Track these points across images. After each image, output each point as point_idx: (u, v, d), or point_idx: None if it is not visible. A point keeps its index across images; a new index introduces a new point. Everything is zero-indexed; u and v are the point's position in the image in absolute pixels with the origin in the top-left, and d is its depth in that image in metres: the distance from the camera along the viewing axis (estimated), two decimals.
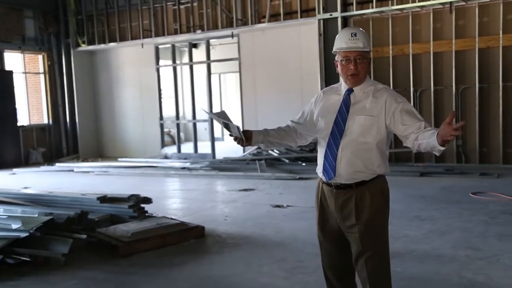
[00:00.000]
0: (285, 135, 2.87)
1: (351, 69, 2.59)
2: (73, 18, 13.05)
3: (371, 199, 2.62)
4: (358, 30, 2.65)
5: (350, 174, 2.61)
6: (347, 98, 2.66)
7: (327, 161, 2.64)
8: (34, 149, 12.96)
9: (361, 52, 2.59)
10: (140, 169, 10.77)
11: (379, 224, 2.66)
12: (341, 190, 2.66)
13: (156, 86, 12.75)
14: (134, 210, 5.56)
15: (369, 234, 2.62)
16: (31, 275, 4.28)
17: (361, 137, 2.60)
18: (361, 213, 2.62)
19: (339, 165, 2.62)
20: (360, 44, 2.57)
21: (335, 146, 2.62)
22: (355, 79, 2.62)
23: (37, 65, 13.48)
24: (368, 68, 2.63)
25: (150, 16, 12.11)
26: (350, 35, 2.59)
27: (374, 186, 2.64)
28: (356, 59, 2.58)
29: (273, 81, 11.05)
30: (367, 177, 2.62)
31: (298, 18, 10.30)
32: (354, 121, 2.61)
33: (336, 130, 2.64)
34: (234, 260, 4.57)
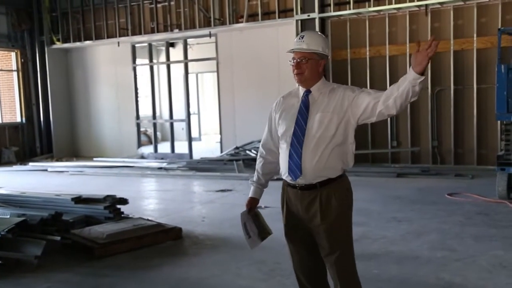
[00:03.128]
0: (271, 167, 2.92)
1: (294, 69, 2.69)
2: (47, 15, 12.78)
3: (336, 198, 2.65)
4: (309, 33, 2.75)
5: (316, 172, 2.63)
6: (305, 98, 2.72)
7: (293, 160, 2.67)
8: (7, 148, 12.65)
9: (305, 53, 2.65)
10: (116, 169, 10.62)
11: (345, 223, 2.71)
12: (306, 191, 2.68)
13: (132, 85, 12.59)
14: (110, 211, 5.47)
15: (336, 234, 2.66)
16: (3, 278, 4.16)
17: (322, 134, 2.63)
18: (326, 213, 2.64)
19: (304, 164, 2.64)
20: (303, 46, 2.66)
21: (299, 145, 2.65)
22: (299, 78, 2.69)
23: (10, 63, 13.16)
24: (315, 69, 2.67)
25: (127, 14, 11.96)
26: (298, 38, 2.70)
27: (339, 186, 2.68)
28: (299, 60, 2.66)
29: (251, 81, 11.01)
30: (332, 174, 2.65)
31: (276, 19, 10.31)
32: (314, 119, 2.66)
33: (298, 130, 2.68)
34: (212, 262, 4.52)
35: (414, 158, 9.63)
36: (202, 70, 15.62)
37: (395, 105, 2.47)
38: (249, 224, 2.93)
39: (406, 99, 2.43)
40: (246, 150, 10.35)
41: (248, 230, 2.93)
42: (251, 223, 2.92)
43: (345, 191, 2.71)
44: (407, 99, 2.43)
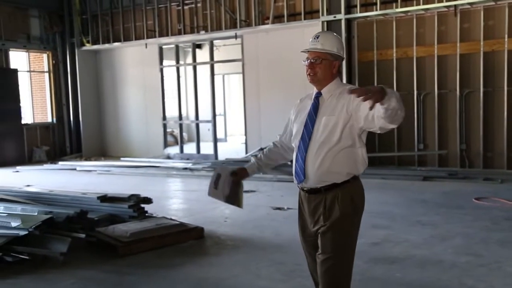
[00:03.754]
0: (276, 155, 2.97)
1: (308, 69, 2.67)
2: (78, 17, 13.08)
3: (339, 203, 2.60)
4: (324, 33, 2.73)
5: (318, 177, 2.60)
6: (315, 101, 2.70)
7: (298, 164, 2.66)
8: (38, 147, 13.00)
9: (319, 53, 2.63)
10: (142, 169, 10.78)
11: (345, 228, 2.61)
12: (312, 194, 2.66)
13: (159, 86, 12.75)
14: (134, 210, 5.55)
15: (330, 236, 2.59)
16: (29, 274, 4.27)
17: (326, 138, 2.59)
18: (328, 217, 2.61)
19: (307, 168, 2.62)
20: (318, 46, 2.63)
21: (304, 148, 2.64)
22: (312, 78, 2.67)
23: (42, 64, 13.53)
24: (329, 70, 2.64)
25: (154, 16, 12.12)
26: (313, 38, 2.68)
27: (344, 191, 2.61)
28: (313, 60, 2.63)
29: (276, 83, 11.01)
30: (338, 179, 2.60)
31: (301, 20, 10.28)
32: (320, 122, 2.63)
33: (305, 133, 2.66)
34: (233, 262, 4.55)
35: (441, 161, 9.45)
36: (228, 72, 15.72)
37: (385, 124, 2.38)
38: (224, 181, 2.88)
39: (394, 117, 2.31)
40: None
41: (218, 184, 2.88)
42: (226, 183, 2.87)
43: (349, 197, 2.61)
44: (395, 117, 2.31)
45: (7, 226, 4.65)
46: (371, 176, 8.77)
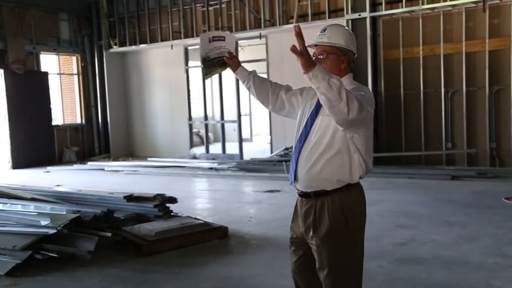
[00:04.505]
0: (264, 88, 2.74)
1: None
2: (105, 20, 13.32)
3: (329, 214, 2.42)
4: (331, 26, 2.53)
5: (307, 181, 2.45)
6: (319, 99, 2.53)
7: (291, 163, 2.53)
8: (68, 148, 13.30)
9: (325, 47, 2.45)
10: (168, 169, 10.90)
11: (337, 241, 2.42)
12: (304, 198, 2.51)
13: (185, 87, 12.88)
14: (159, 209, 5.63)
15: (325, 251, 2.43)
16: (58, 271, 4.38)
17: (318, 140, 2.42)
18: (318, 226, 2.44)
19: (298, 169, 2.47)
20: (324, 39, 2.46)
21: (298, 148, 2.49)
22: None
23: (71, 66, 13.83)
24: (336, 65, 2.45)
25: (180, 17, 12.24)
26: (320, 32, 2.50)
27: (334, 199, 2.42)
28: (320, 55, 2.46)
29: (301, 82, 10.91)
30: (328, 186, 2.41)
31: (326, 19, 10.20)
32: (316, 123, 2.46)
33: (303, 133, 2.50)
34: (256, 262, 4.56)
35: (470, 160, 9.25)
36: None
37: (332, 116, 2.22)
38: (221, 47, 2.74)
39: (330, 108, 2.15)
40: None
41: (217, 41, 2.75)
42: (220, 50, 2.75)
43: (340, 207, 2.41)
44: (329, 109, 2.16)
45: (37, 225, 4.78)
46: (397, 176, 8.68)
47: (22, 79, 12.02)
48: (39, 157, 12.30)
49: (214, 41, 2.79)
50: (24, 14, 12.19)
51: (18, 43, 12.02)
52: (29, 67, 12.40)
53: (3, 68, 11.82)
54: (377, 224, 5.57)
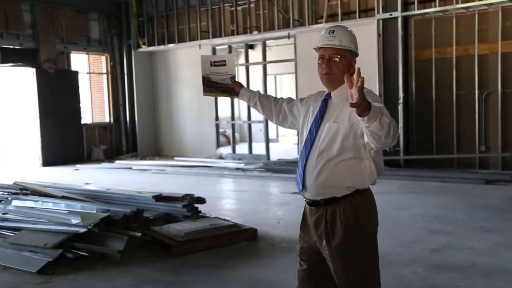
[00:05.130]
0: (269, 104, 2.79)
1: (324, 67, 2.41)
2: (134, 20, 13.43)
3: (342, 221, 2.35)
4: (339, 28, 2.46)
5: (316, 189, 2.39)
6: (323, 104, 2.47)
7: (298, 171, 2.47)
8: (96, 146, 13.46)
9: (337, 50, 2.38)
10: (195, 168, 10.90)
11: (353, 250, 2.36)
12: (313, 207, 2.45)
13: None
14: (188, 210, 5.60)
15: (341, 261, 2.36)
16: (88, 270, 4.39)
17: (327, 147, 2.36)
18: (331, 235, 2.37)
19: (306, 177, 2.42)
20: (336, 42, 2.38)
21: (305, 156, 2.42)
22: (328, 78, 2.41)
23: (100, 66, 14.00)
24: (346, 68, 2.39)
25: (208, 17, 12.24)
26: (328, 33, 2.42)
27: (346, 206, 2.36)
28: (332, 58, 2.38)
29: None
30: (338, 193, 2.36)
31: (356, 19, 10.06)
32: (323, 129, 2.40)
33: (308, 139, 2.45)
34: (286, 265, 4.47)
35: (505, 163, 8.96)
36: (280, 72, 15.65)
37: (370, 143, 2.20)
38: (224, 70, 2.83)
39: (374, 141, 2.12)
40: None
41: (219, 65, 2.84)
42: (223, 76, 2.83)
43: (352, 213, 2.35)
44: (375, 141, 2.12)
45: (68, 223, 4.80)
46: (429, 179, 8.48)
47: (53, 78, 12.21)
48: (69, 155, 12.48)
49: (215, 66, 2.86)
50: (56, 14, 12.39)
51: (50, 42, 12.21)
52: (60, 66, 12.60)
53: (35, 67, 12.03)
54: (410, 229, 5.43)
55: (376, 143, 2.16)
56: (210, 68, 2.88)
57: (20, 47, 11.88)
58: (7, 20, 11.47)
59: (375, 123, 2.03)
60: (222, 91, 2.88)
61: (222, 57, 2.95)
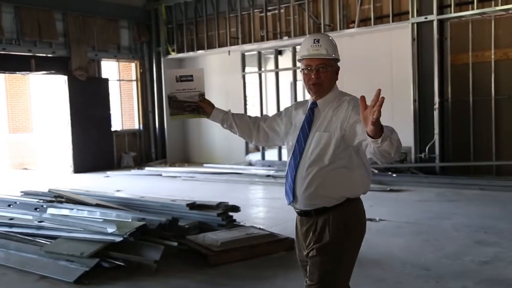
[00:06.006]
0: (245, 124, 2.72)
1: (312, 78, 2.37)
2: (164, 27, 13.49)
3: (330, 230, 2.35)
4: (322, 36, 2.43)
5: (307, 199, 2.37)
6: (310, 113, 2.43)
7: (287, 183, 2.45)
8: (126, 153, 13.53)
9: (324, 60, 2.36)
10: (225, 175, 10.82)
11: (333, 256, 2.35)
12: (304, 217, 2.44)
13: (241, 93, 12.81)
14: (223, 218, 5.50)
15: (318, 263, 2.35)
16: (124, 280, 4.31)
17: (317, 157, 2.33)
18: (318, 243, 2.37)
19: (296, 188, 2.39)
20: (323, 51, 2.36)
21: (294, 166, 2.39)
22: (317, 88, 2.38)
23: (130, 73, 14.10)
24: (334, 77, 2.41)
25: (237, 23, 12.20)
26: (312, 42, 2.38)
27: (336, 216, 2.35)
28: (319, 68, 2.36)
29: (361, 88, 10.57)
30: (328, 203, 2.35)
31: (389, 23, 9.85)
32: (312, 138, 2.37)
33: (297, 149, 2.41)
34: None
35: None
36: None
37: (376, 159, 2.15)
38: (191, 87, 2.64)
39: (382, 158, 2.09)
40: None
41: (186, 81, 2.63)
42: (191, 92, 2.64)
43: (342, 222, 2.35)
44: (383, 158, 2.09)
45: (104, 232, 4.75)
46: (467, 186, 8.21)
47: (84, 85, 12.33)
48: (99, 162, 12.57)
49: (182, 81, 2.65)
50: (88, 22, 12.53)
51: (81, 50, 12.35)
52: (91, 73, 12.73)
53: (67, 74, 12.18)
54: (454, 239, 5.20)
55: (384, 160, 2.12)
56: (176, 85, 2.67)
57: (52, 55, 12.05)
58: (40, 28, 11.65)
59: (386, 142, 2.01)
60: (190, 110, 2.68)
61: (189, 71, 2.71)
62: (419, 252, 4.88)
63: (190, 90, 2.66)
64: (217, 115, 2.72)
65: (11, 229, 5.38)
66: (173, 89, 2.67)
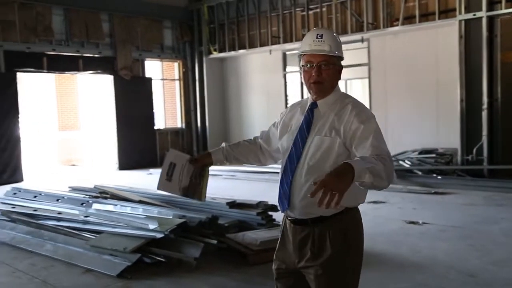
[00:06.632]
0: (247, 151, 2.57)
1: (313, 75, 2.20)
2: (206, 27, 13.63)
3: (331, 240, 2.18)
4: (326, 31, 2.25)
5: (304, 208, 2.19)
6: (309, 114, 2.26)
7: (282, 189, 2.25)
8: (168, 151, 13.72)
9: (327, 57, 2.19)
10: (266, 174, 10.80)
11: (338, 269, 2.19)
12: (298, 226, 2.25)
13: (282, 92, 12.79)
14: (262, 218, 5.49)
15: (325, 278, 2.18)
16: (165, 276, 4.39)
17: (318, 163, 2.16)
18: (318, 254, 2.19)
19: (293, 195, 2.21)
20: (325, 47, 2.18)
21: (291, 171, 2.22)
22: (318, 87, 2.22)
23: (172, 72, 14.34)
24: (336, 76, 2.24)
25: (279, 22, 12.18)
26: (315, 37, 2.20)
27: (335, 225, 2.19)
28: (321, 65, 2.19)
29: (405, 87, 10.43)
30: (326, 212, 2.11)
31: (435, 20, 9.58)
32: (312, 142, 2.20)
33: (294, 153, 2.23)
34: (367, 280, 4.18)
35: None
36: (350, 77, 15.26)
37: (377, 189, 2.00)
38: (181, 170, 2.41)
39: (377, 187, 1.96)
40: (399, 160, 9.79)
41: (173, 174, 2.42)
42: (185, 172, 2.42)
43: (342, 233, 2.19)
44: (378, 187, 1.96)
45: (145, 228, 4.85)
46: None
47: (129, 84, 12.63)
48: (142, 159, 12.83)
49: (173, 173, 2.47)
50: (133, 22, 12.82)
51: (126, 50, 12.65)
52: (135, 73, 13.02)
53: (112, 74, 12.51)
54: (502, 245, 5.01)
55: (381, 187, 1.97)
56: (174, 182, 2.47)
57: (99, 55, 12.39)
58: (88, 29, 12.01)
59: (366, 176, 1.88)
60: (198, 180, 2.50)
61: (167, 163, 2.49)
62: (464, 257, 4.73)
63: (181, 170, 2.50)
64: (218, 157, 2.56)
65: (59, 223, 5.60)
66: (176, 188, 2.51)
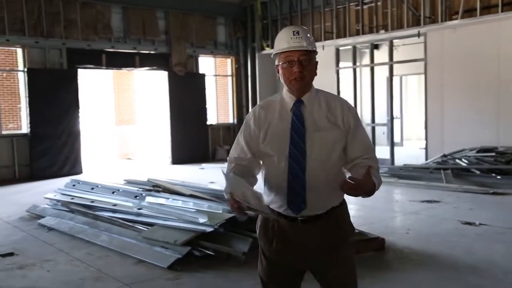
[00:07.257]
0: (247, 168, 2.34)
1: (295, 72, 2.18)
2: (259, 23, 13.67)
3: (340, 226, 2.30)
4: (301, 28, 2.25)
5: (322, 203, 2.23)
6: (298, 110, 2.22)
7: (293, 191, 2.18)
8: (220, 146, 13.94)
9: (306, 52, 2.18)
10: None
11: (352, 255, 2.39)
12: (308, 223, 2.22)
13: (335, 88, 12.61)
14: None
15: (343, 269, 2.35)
16: (214, 270, 4.45)
17: (327, 157, 2.20)
18: (332, 246, 2.28)
19: (310, 195, 2.18)
20: (304, 43, 2.18)
21: (302, 171, 2.16)
22: (300, 84, 2.20)
23: (225, 68, 14.49)
24: (315, 71, 2.25)
25: (332, 17, 12.02)
26: (292, 34, 2.20)
27: (342, 212, 2.32)
28: (301, 61, 2.18)
29: (464, 83, 10.04)
30: (337, 202, 2.28)
31: (498, 13, 9.14)
32: (314, 138, 2.19)
33: (296, 152, 2.17)
34: (420, 281, 4.14)
35: None
36: (406, 73, 14.89)
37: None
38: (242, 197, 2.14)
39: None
40: (455, 159, 9.44)
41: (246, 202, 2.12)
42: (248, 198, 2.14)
43: (348, 218, 2.36)
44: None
45: (196, 222, 4.94)
46: None
47: (183, 80, 12.89)
48: (195, 154, 13.08)
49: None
50: (187, 19, 13.06)
51: (180, 46, 12.91)
52: (189, 69, 13.26)
53: (167, 70, 12.80)
54: None
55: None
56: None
57: (154, 52, 12.72)
58: (144, 27, 12.35)
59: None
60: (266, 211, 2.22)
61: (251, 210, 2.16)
62: None
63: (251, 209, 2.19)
64: None
65: (114, 214, 5.81)
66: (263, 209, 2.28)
